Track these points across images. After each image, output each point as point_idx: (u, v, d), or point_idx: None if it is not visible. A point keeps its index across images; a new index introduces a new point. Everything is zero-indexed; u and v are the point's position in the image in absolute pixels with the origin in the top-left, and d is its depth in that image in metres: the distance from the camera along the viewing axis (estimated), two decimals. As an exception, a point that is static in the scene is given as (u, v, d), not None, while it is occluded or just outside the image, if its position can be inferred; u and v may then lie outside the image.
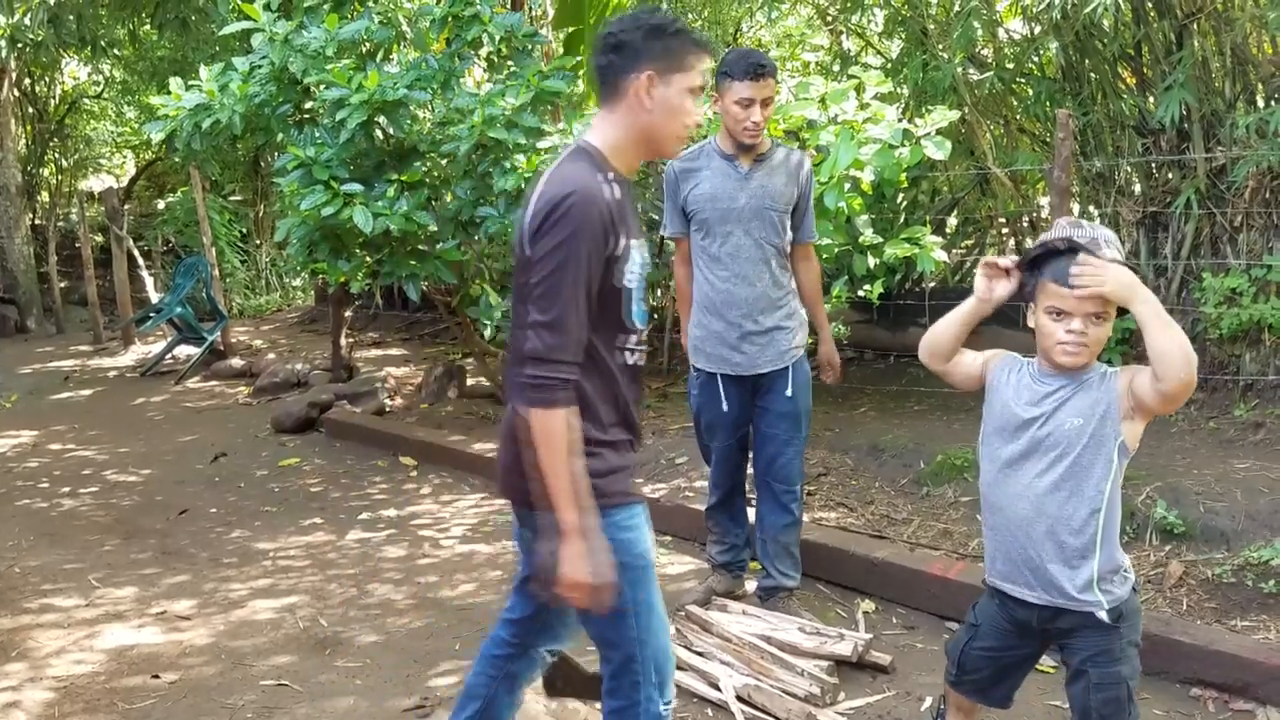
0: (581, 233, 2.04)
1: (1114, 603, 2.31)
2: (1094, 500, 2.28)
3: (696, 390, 3.81)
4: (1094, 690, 2.34)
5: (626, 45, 2.15)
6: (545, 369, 2.03)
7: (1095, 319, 2.23)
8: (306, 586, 4.44)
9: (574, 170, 2.13)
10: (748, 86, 3.47)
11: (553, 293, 2.04)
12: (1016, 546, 2.36)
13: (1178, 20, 5.64)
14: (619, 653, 2.25)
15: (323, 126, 5.77)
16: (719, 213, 3.61)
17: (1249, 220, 5.39)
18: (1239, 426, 4.97)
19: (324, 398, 7.48)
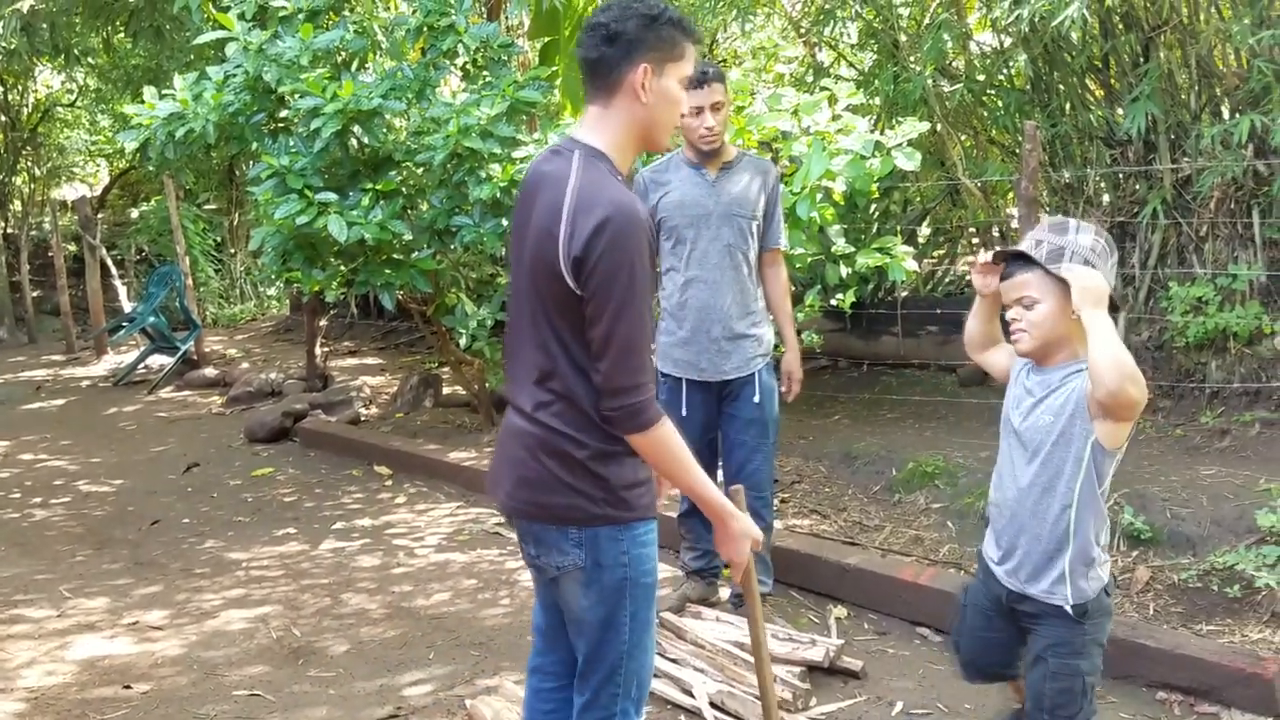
0: (642, 249, 1.99)
1: (1080, 598, 2.37)
2: (1064, 497, 2.36)
3: (663, 395, 3.80)
4: (1050, 679, 2.42)
5: (621, 36, 2.04)
6: (632, 395, 2.01)
7: (1025, 305, 2.36)
8: (279, 596, 4.43)
9: (605, 182, 2.03)
10: (697, 94, 3.51)
11: (624, 313, 1.98)
12: (1000, 527, 2.52)
13: (1144, 33, 5.74)
14: (604, 664, 2.22)
15: (297, 135, 5.77)
16: (688, 219, 3.65)
17: (1214, 230, 5.48)
18: (1205, 433, 5.04)
19: (298, 407, 7.45)
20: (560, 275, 2.01)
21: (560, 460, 2.10)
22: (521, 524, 2.21)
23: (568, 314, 2.04)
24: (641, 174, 3.78)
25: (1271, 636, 3.50)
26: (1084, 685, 2.41)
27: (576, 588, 2.16)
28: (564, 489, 2.11)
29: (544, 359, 2.10)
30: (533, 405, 2.13)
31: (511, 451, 2.19)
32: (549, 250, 2.02)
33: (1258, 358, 5.20)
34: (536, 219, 2.07)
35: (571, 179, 2.03)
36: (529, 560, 2.29)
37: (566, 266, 2.00)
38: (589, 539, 2.12)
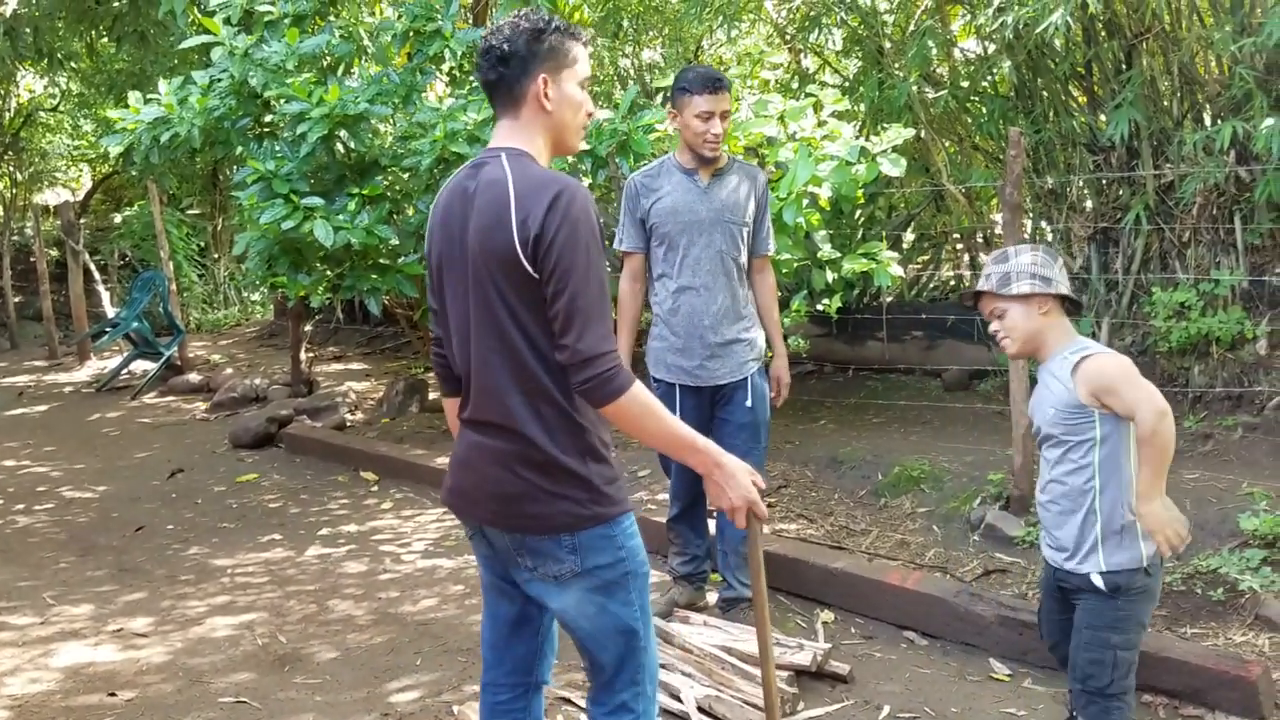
0: (590, 221, 2.03)
1: (1112, 568, 2.57)
2: (1086, 471, 2.59)
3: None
4: (1083, 649, 2.62)
5: (513, 55, 2.12)
6: (603, 363, 2.00)
7: (996, 316, 2.69)
8: (265, 603, 4.41)
9: (539, 169, 2.10)
10: (706, 100, 3.53)
11: (586, 286, 2.00)
12: (1043, 510, 2.74)
13: (1127, 40, 5.78)
14: (630, 666, 2.22)
15: (283, 140, 5.76)
16: (680, 225, 3.64)
17: (1197, 236, 5.52)
18: (1188, 438, 5.07)
19: (283, 413, 7.41)
20: (516, 263, 2.02)
21: (540, 469, 2.10)
22: (508, 539, 2.18)
23: (529, 306, 2.05)
24: (632, 179, 3.78)
25: (1255, 639, 3.53)
26: (1115, 659, 2.58)
27: (583, 594, 2.15)
28: (549, 497, 2.10)
29: (510, 362, 2.09)
30: (503, 416, 2.12)
31: (484, 470, 2.16)
32: (500, 243, 2.04)
33: (1240, 362, 5.25)
34: (478, 222, 2.08)
35: (509, 174, 2.08)
36: (495, 575, 2.30)
37: (523, 250, 2.01)
38: (582, 542, 2.12)
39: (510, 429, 2.11)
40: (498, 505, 2.15)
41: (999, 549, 4.35)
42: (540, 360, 2.07)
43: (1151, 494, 2.47)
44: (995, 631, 3.63)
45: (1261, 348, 5.19)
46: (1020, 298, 2.63)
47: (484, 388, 2.14)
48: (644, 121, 5.34)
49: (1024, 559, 4.22)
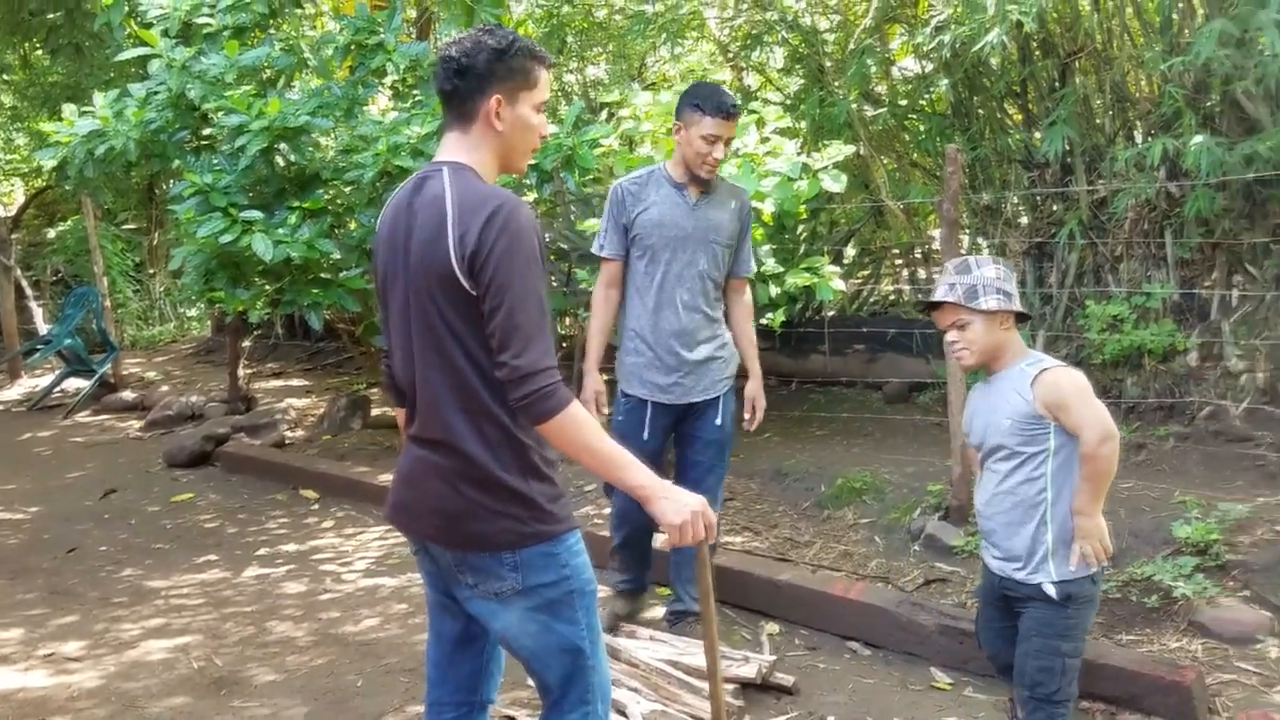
0: (530, 237, 2.01)
1: (1063, 577, 2.61)
2: (1038, 482, 2.63)
3: (622, 416, 3.73)
4: (1033, 657, 2.66)
5: (470, 70, 2.09)
6: (540, 379, 1.97)
7: (958, 327, 2.68)
8: (201, 625, 4.32)
9: (480, 184, 2.08)
10: (718, 124, 3.47)
11: (524, 302, 1.98)
12: (986, 519, 2.77)
13: (1060, 59, 5.92)
14: (578, 685, 2.20)
15: (221, 153, 5.68)
16: (665, 240, 3.59)
17: (1129, 250, 5.65)
18: (1122, 448, 5.10)
19: (220, 430, 7.29)
20: (455, 280, 2.00)
21: (482, 487, 2.08)
22: (450, 556, 2.16)
23: (468, 323, 2.03)
24: (620, 185, 3.71)
25: (1189, 645, 3.60)
26: (1064, 665, 2.63)
27: (525, 613, 2.13)
28: (491, 515, 2.08)
29: (451, 379, 2.07)
30: (445, 433, 2.10)
31: (428, 485, 2.15)
32: (439, 259, 2.02)
33: (1172, 374, 5.37)
34: (419, 238, 2.07)
35: (448, 190, 2.06)
36: (439, 592, 2.28)
37: (461, 267, 1.99)
38: (524, 560, 2.10)
39: (452, 446, 2.09)
40: (440, 521, 2.13)
41: (939, 558, 4.40)
42: (481, 377, 2.05)
43: (1089, 510, 2.54)
44: (936, 640, 3.67)
45: (1192, 359, 5.32)
46: (986, 312, 2.64)
47: (426, 404, 2.13)
48: (589, 137, 5.35)
49: (963, 568, 4.28)
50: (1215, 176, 4.88)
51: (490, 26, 2.17)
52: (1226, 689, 3.34)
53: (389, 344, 2.25)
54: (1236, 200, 5.20)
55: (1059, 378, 2.58)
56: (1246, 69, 4.73)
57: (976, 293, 2.63)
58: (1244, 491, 4.47)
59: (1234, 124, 5.19)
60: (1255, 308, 5.23)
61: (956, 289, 2.66)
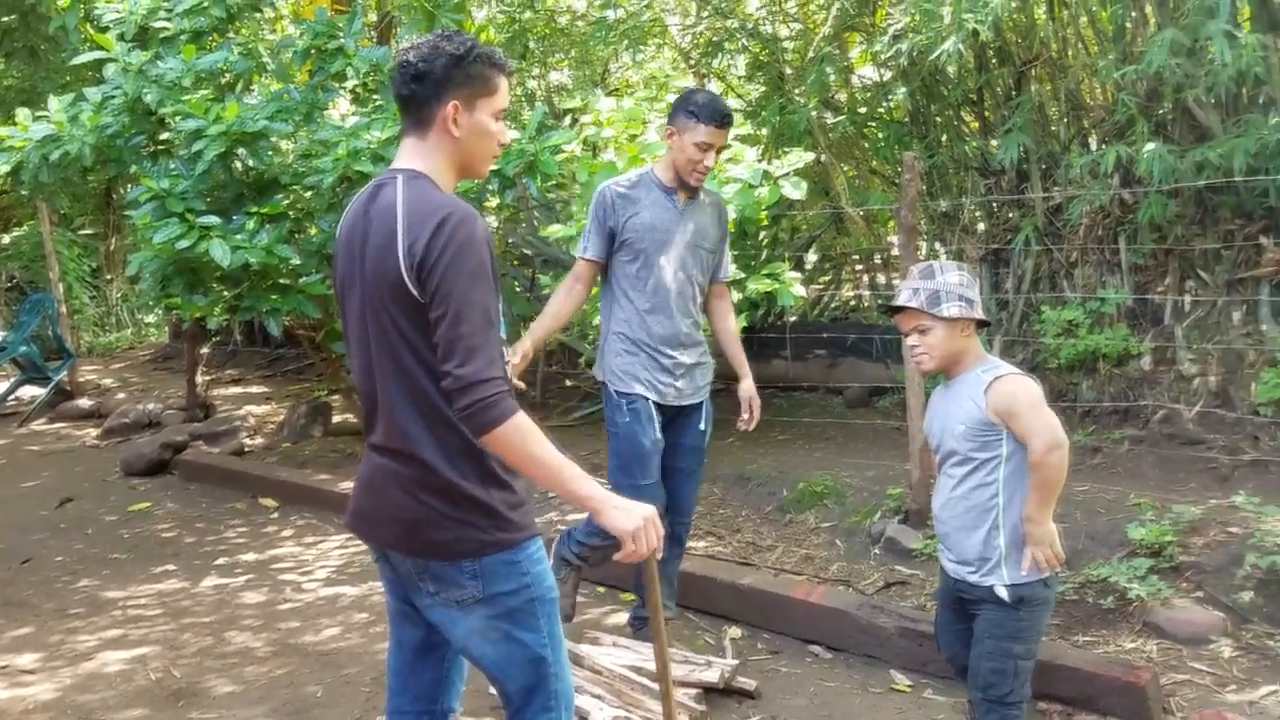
0: (479, 247, 1.99)
1: (1015, 581, 2.63)
2: (990, 487, 2.65)
3: (628, 418, 3.61)
4: (986, 658, 2.68)
5: (428, 75, 2.08)
6: (484, 389, 1.95)
7: (919, 332, 2.69)
8: (159, 636, 4.27)
9: (434, 191, 2.07)
10: (711, 132, 3.45)
11: (469, 312, 1.96)
12: (943, 523, 2.79)
13: (1016, 67, 6.01)
14: (540, 694, 2.18)
15: (179, 158, 5.63)
16: (657, 244, 3.56)
17: (1084, 256, 5.74)
18: (1078, 451, 5.24)
19: (178, 438, 7.22)
20: (405, 289, 2.00)
21: (442, 495, 2.07)
22: (410, 564, 2.14)
23: (422, 332, 2.02)
24: (608, 188, 3.63)
25: (1144, 646, 3.66)
26: (1016, 668, 2.65)
27: (486, 621, 2.12)
28: (451, 523, 2.07)
29: (407, 387, 2.06)
30: (403, 441, 2.09)
31: (387, 493, 2.14)
32: (390, 267, 2.02)
33: (1126, 378, 5.46)
34: (373, 245, 2.07)
35: (400, 199, 2.06)
36: (399, 600, 2.26)
37: (410, 275, 1.99)
38: (485, 568, 2.09)
39: (410, 454, 2.08)
40: (400, 530, 2.12)
41: (899, 561, 4.45)
42: (437, 385, 2.03)
43: (1037, 517, 2.57)
44: (896, 643, 3.71)
45: (1146, 363, 5.41)
46: (948, 319, 2.65)
47: (385, 412, 2.12)
48: (551, 142, 5.35)
49: (923, 570, 4.32)
50: (1168, 183, 4.97)
51: (449, 32, 2.16)
52: (1180, 689, 3.39)
53: (349, 351, 2.24)
54: (1188, 207, 5.30)
55: (1011, 386, 2.60)
56: (1197, 77, 4.82)
57: (939, 299, 2.65)
58: (1197, 494, 4.56)
59: (1185, 131, 5.29)
60: (1207, 312, 5.33)
61: (919, 294, 2.68)
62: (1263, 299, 5.14)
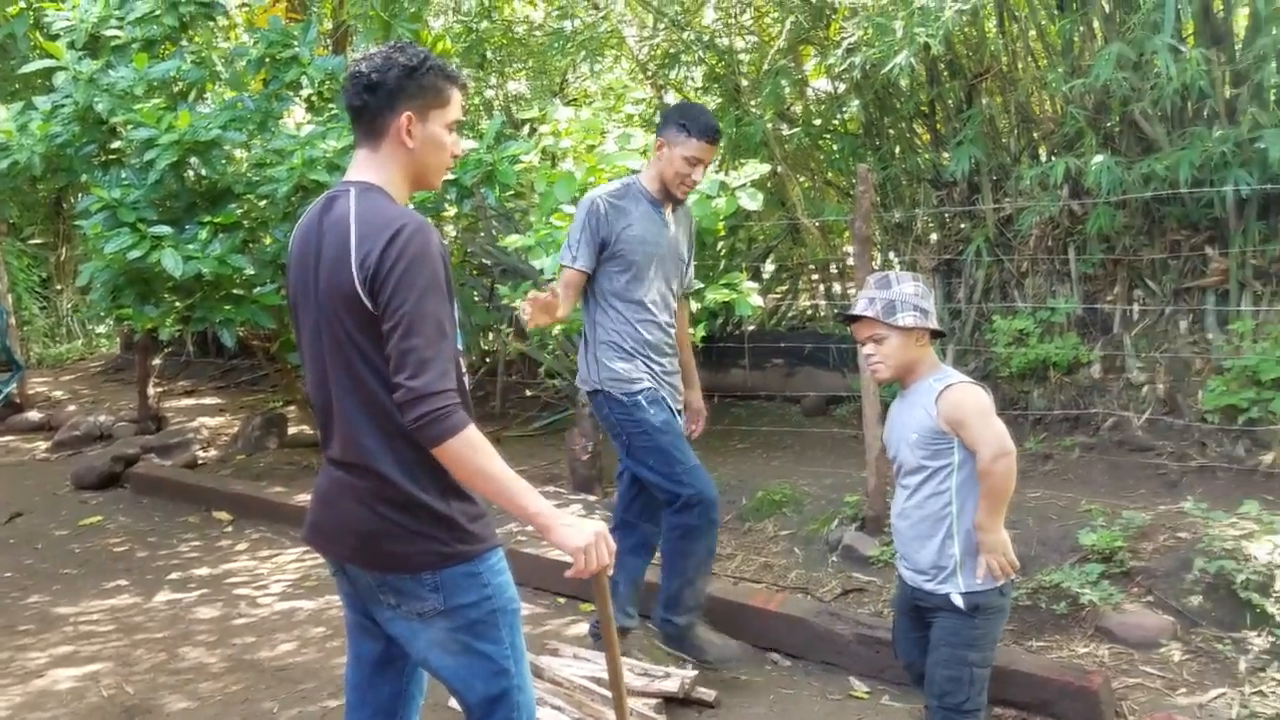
0: (433, 259, 1.99)
1: (970, 589, 2.66)
2: (943, 496, 2.68)
3: (648, 410, 3.55)
4: (941, 666, 2.70)
5: (381, 86, 2.08)
6: (435, 401, 1.94)
7: (875, 341, 2.72)
8: (111, 653, 4.20)
9: (387, 204, 2.07)
10: (702, 147, 3.45)
11: (421, 325, 1.96)
12: (900, 532, 2.82)
13: (967, 81, 6.10)
14: (502, 707, 2.17)
15: (130, 167, 5.57)
16: (649, 256, 3.55)
17: (1034, 266, 5.84)
18: (1030, 458, 5.33)
19: (130, 451, 7.10)
20: (359, 301, 1.99)
21: (400, 508, 2.06)
22: (369, 577, 2.13)
23: (376, 344, 2.01)
24: (598, 199, 3.57)
25: (1096, 650, 3.72)
26: (971, 675, 2.68)
27: (447, 634, 2.11)
28: (411, 536, 2.07)
29: (363, 400, 2.05)
30: (360, 454, 2.08)
31: (345, 506, 2.13)
32: (344, 280, 2.01)
33: (1076, 386, 5.55)
34: (326, 257, 2.06)
35: (353, 211, 2.05)
36: (358, 614, 2.25)
37: (363, 287, 1.99)
38: (445, 581, 2.08)
39: (367, 467, 2.07)
40: (358, 543, 2.11)
41: (856, 568, 4.48)
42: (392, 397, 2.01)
43: (988, 525, 2.61)
44: (854, 650, 3.74)
45: (1096, 372, 5.51)
46: (903, 329, 2.69)
47: (341, 424, 2.11)
48: (509, 152, 5.35)
49: (879, 577, 4.36)
50: (1115, 194, 5.07)
51: (402, 43, 2.16)
52: (1132, 692, 3.45)
53: (303, 363, 2.22)
54: (1136, 218, 5.41)
55: (960, 394, 2.64)
56: (1143, 91, 4.92)
57: (894, 308, 2.68)
58: (1146, 500, 4.64)
59: (1133, 144, 5.40)
60: (1155, 321, 5.44)
61: (875, 304, 2.71)
62: (1209, 308, 5.26)
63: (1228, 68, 5.03)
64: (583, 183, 4.96)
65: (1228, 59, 5.06)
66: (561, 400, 7.42)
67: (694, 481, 3.52)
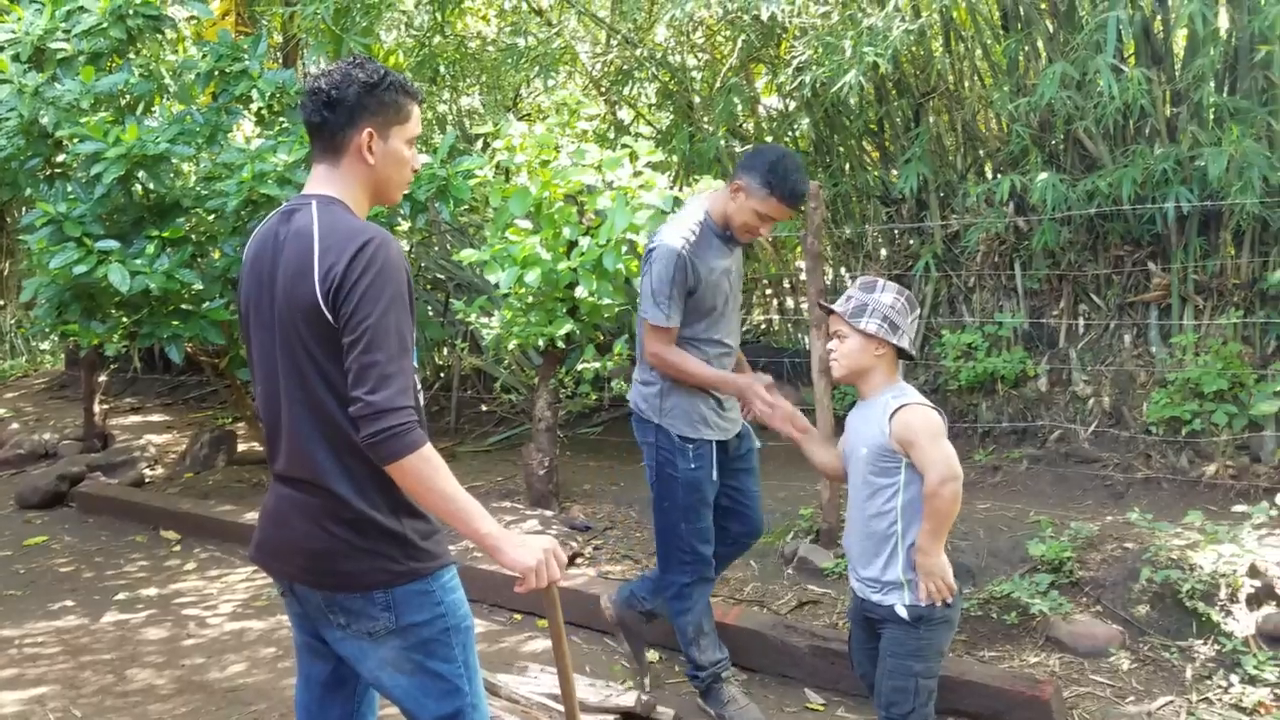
0: (398, 274, 1.98)
1: (915, 602, 2.68)
2: (890, 514, 2.70)
3: (694, 464, 3.48)
4: (887, 676, 2.72)
5: (341, 103, 2.08)
6: (395, 418, 1.92)
7: (838, 337, 2.76)
8: (57, 675, 4.11)
9: (349, 217, 2.06)
10: (782, 210, 3.28)
11: (384, 339, 1.94)
12: (849, 544, 2.86)
13: (915, 99, 6.20)
14: None
15: (76, 181, 5.48)
16: (722, 294, 3.45)
17: (981, 281, 5.94)
18: (979, 470, 5.41)
19: (75, 469, 6.97)
20: (320, 314, 1.98)
21: (351, 526, 2.04)
22: (319, 596, 2.11)
23: (333, 358, 2.00)
24: (682, 251, 3.33)
25: (1046, 660, 3.77)
26: (917, 686, 2.69)
27: (399, 652, 2.09)
28: (361, 554, 2.05)
29: (316, 415, 2.03)
30: (310, 470, 2.06)
31: (294, 525, 2.10)
32: (304, 292, 1.99)
33: (1023, 399, 5.65)
34: (285, 271, 2.04)
35: (316, 223, 2.04)
36: (307, 635, 2.23)
37: (326, 301, 1.97)
38: (397, 599, 2.06)
39: (317, 483, 2.05)
40: (307, 562, 2.08)
41: (811, 581, 4.52)
42: (347, 413, 2.00)
43: (929, 549, 2.63)
44: (810, 662, 3.77)
45: (1042, 384, 5.61)
46: (863, 333, 2.71)
47: (291, 440, 2.08)
48: (463, 167, 5.34)
49: (834, 589, 4.40)
50: (1060, 211, 5.18)
51: (360, 59, 2.15)
52: (1082, 701, 3.51)
53: (253, 377, 2.20)
54: (1080, 234, 5.53)
55: (912, 415, 2.65)
56: (1086, 109, 5.04)
57: (863, 312, 2.71)
58: (1093, 510, 4.73)
59: (1076, 161, 5.53)
60: (1099, 335, 5.56)
61: (850, 302, 2.75)
62: (1151, 322, 5.38)
63: (1167, 87, 5.17)
64: (537, 197, 4.97)
65: (1167, 79, 5.20)
66: (517, 415, 7.40)
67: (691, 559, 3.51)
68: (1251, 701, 3.35)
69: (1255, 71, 4.88)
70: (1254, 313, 5.09)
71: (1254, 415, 4.84)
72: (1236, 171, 4.64)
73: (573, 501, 5.59)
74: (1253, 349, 5.06)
